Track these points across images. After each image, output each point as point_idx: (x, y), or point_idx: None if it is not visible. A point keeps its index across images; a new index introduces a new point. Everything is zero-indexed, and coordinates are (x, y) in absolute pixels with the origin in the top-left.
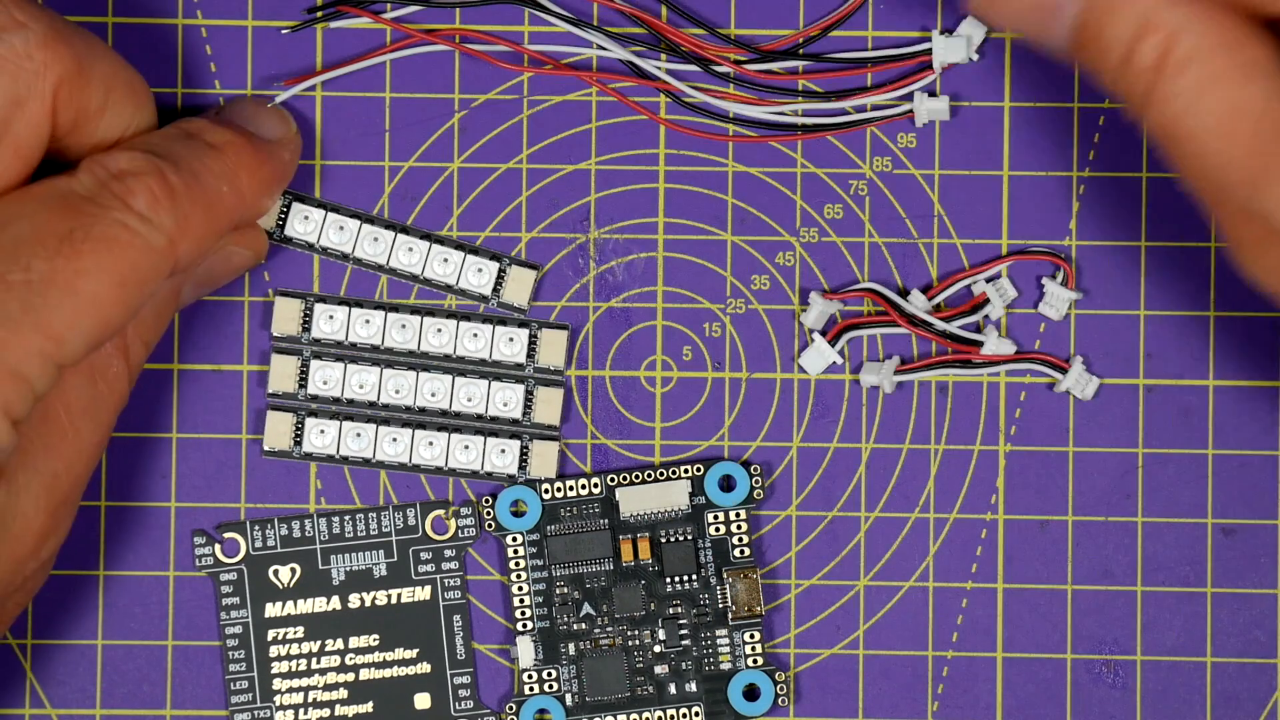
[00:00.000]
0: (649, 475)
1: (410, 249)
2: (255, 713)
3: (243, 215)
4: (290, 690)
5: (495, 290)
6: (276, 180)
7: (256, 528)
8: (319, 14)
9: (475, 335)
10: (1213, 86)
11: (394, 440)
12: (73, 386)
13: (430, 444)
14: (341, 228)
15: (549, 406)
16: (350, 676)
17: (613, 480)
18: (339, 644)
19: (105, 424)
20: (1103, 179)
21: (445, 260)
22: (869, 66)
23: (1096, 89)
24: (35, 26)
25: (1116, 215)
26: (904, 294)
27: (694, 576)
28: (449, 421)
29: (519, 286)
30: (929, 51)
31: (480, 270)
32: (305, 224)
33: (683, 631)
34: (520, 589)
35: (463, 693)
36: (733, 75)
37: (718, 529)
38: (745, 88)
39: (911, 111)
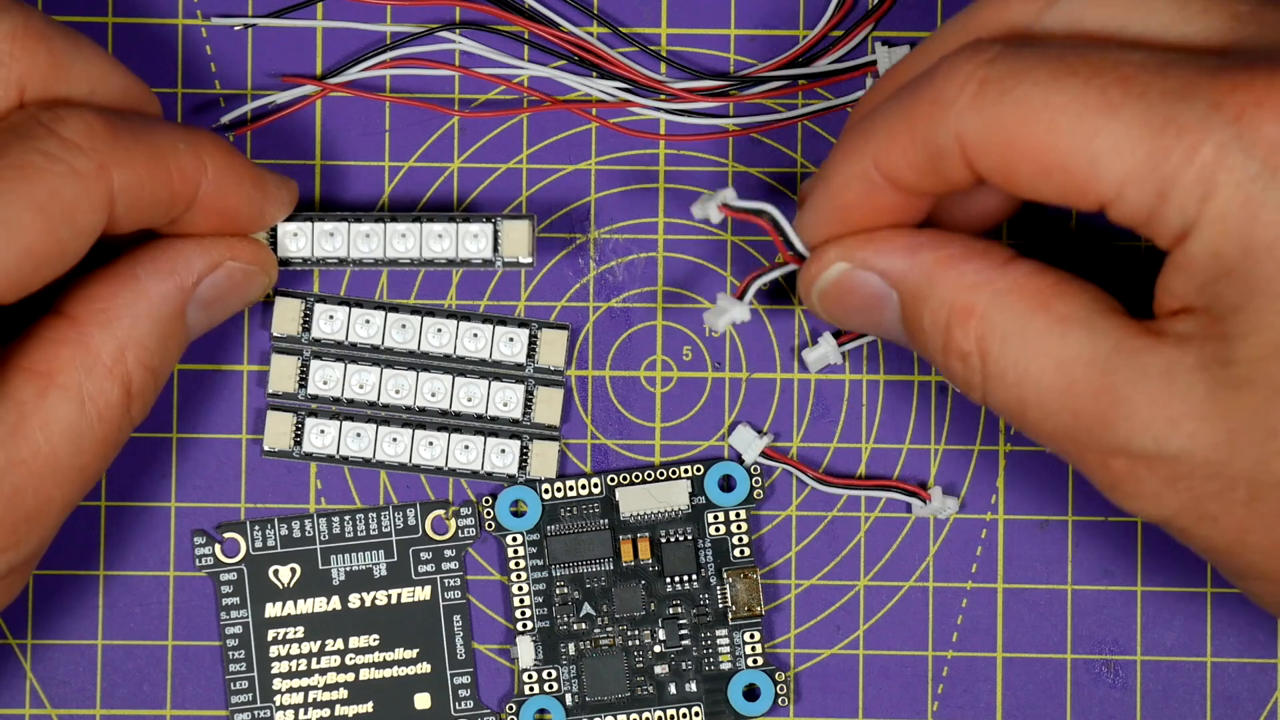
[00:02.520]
0: (649, 475)
1: (404, 235)
2: (255, 713)
3: (210, 193)
4: (290, 690)
5: (495, 250)
6: (254, 179)
7: (256, 528)
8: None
9: (475, 335)
10: (1036, 353)
11: (394, 440)
12: (54, 404)
13: (430, 444)
14: (332, 234)
15: (549, 406)
16: (350, 676)
17: (613, 480)
18: (339, 644)
19: (92, 452)
20: None
21: (440, 236)
22: (809, 83)
23: None
24: (3, 19)
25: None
26: None
27: (694, 576)
28: (449, 421)
29: (517, 240)
30: (874, 62)
31: (476, 236)
32: (295, 241)
33: (683, 631)
34: (520, 589)
35: (463, 693)
36: (663, 97)
37: (718, 529)
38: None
39: None
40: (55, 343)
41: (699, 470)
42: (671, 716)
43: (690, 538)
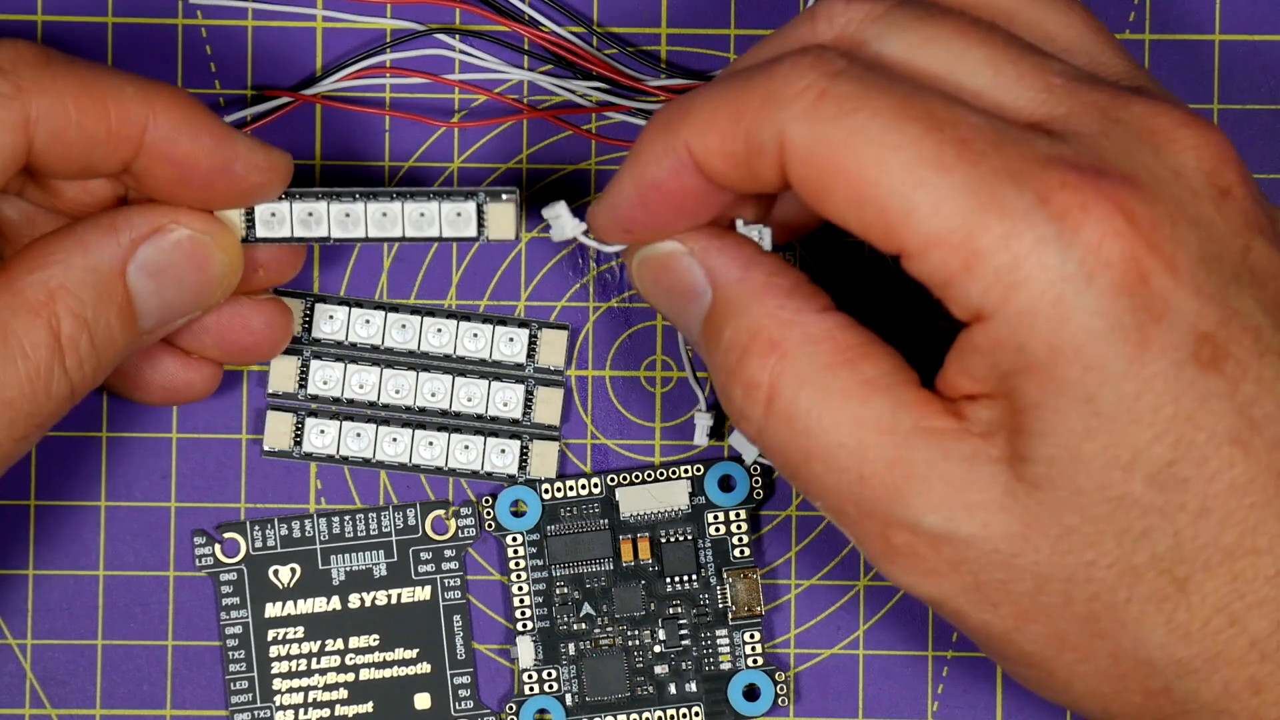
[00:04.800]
0: (649, 475)
1: (384, 214)
2: (255, 713)
3: (160, 139)
4: (290, 690)
5: (480, 228)
6: (217, 134)
7: (256, 528)
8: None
9: (475, 335)
10: (833, 406)
11: (394, 440)
12: None
13: (430, 444)
14: (310, 213)
15: (549, 407)
16: (350, 676)
17: (613, 480)
18: (339, 644)
19: (15, 388)
20: None
21: (422, 214)
22: None
23: None
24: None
25: None
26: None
27: (694, 576)
28: (449, 421)
29: (501, 220)
30: None
31: (459, 214)
32: (273, 225)
33: (683, 631)
34: (520, 589)
35: (463, 693)
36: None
37: (718, 529)
38: None
39: None
40: None
41: (699, 470)
42: (671, 716)
43: (690, 538)
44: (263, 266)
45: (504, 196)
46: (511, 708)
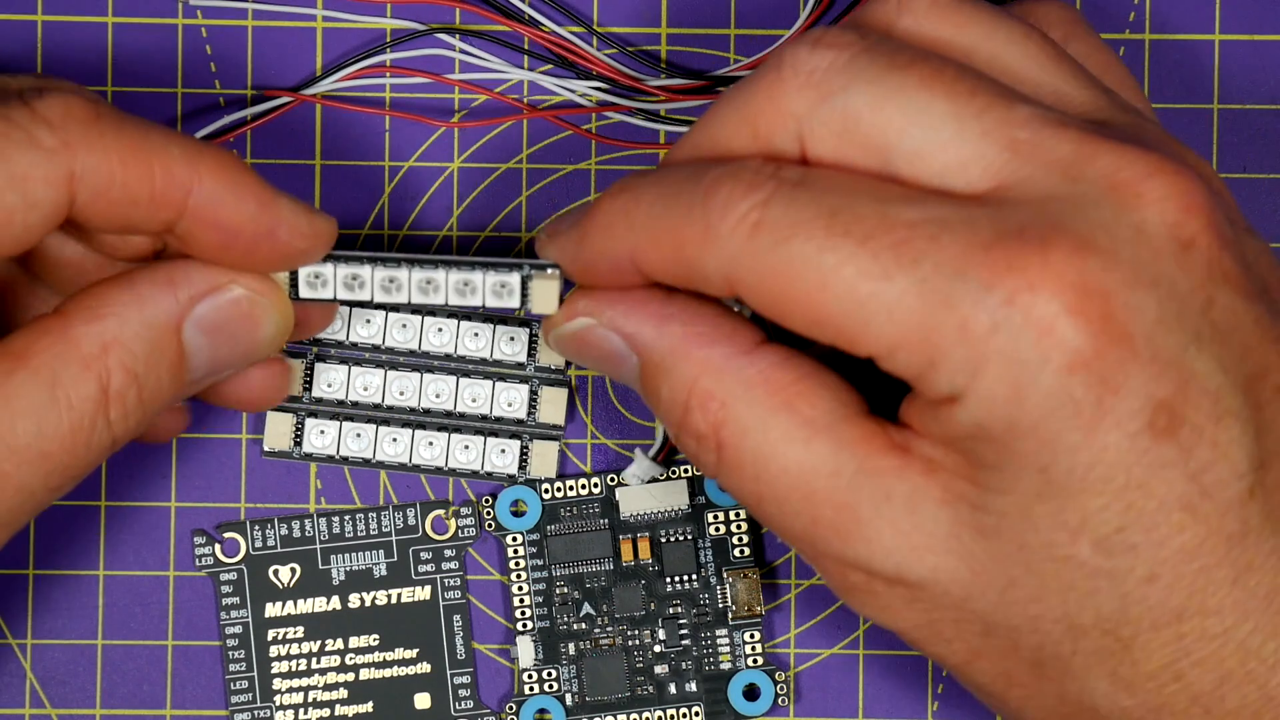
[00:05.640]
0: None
1: (429, 281)
2: (255, 713)
3: (204, 203)
4: (290, 690)
5: (524, 300)
6: (261, 199)
7: (256, 528)
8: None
9: (476, 335)
10: (778, 451)
11: (394, 440)
12: (19, 382)
13: (430, 444)
14: (355, 276)
15: (554, 406)
16: (350, 676)
17: (613, 480)
18: (339, 644)
19: (56, 440)
20: None
21: (466, 284)
22: None
23: None
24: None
25: None
26: None
27: (694, 576)
28: (449, 421)
29: (545, 295)
30: None
31: (504, 285)
32: (316, 286)
33: (683, 631)
34: (520, 589)
35: (463, 693)
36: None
37: (718, 529)
38: None
39: None
40: (37, 330)
41: (699, 470)
42: (671, 716)
43: (690, 538)
44: (299, 324)
45: (549, 271)
46: (511, 708)
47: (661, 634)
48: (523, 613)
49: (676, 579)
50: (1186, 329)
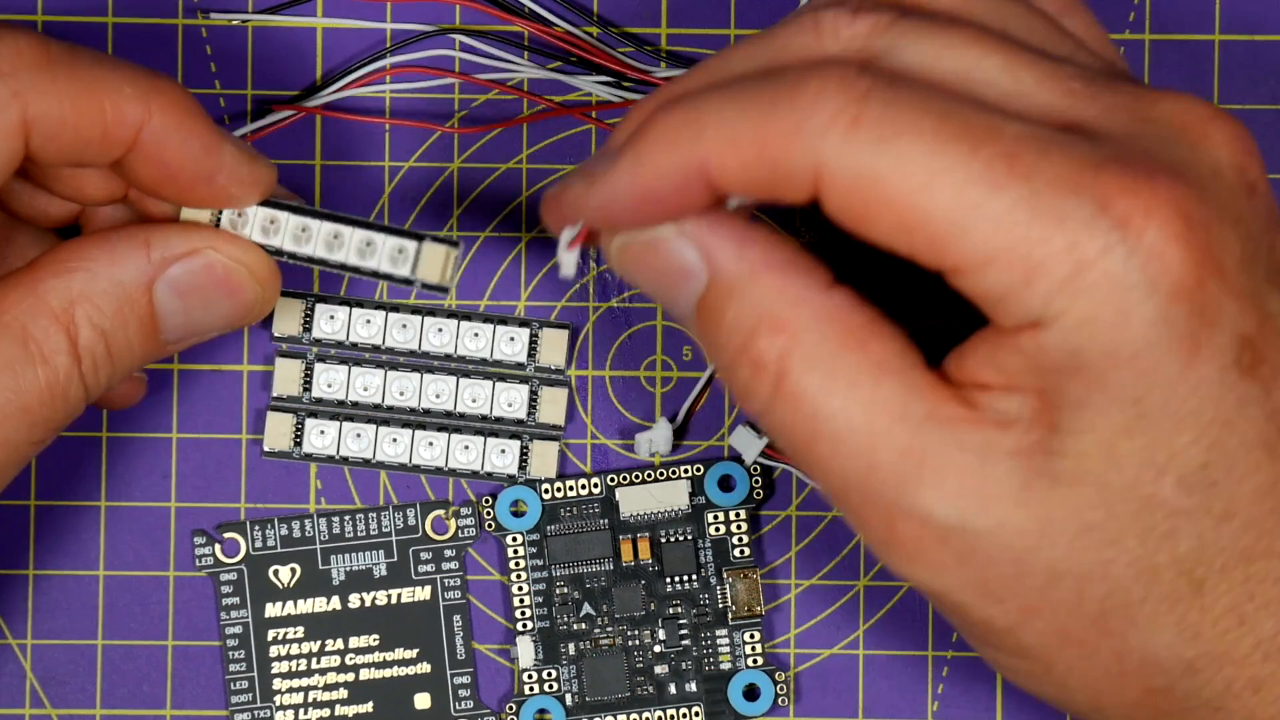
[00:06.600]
0: (649, 475)
1: (336, 235)
2: (255, 713)
3: (151, 140)
4: (290, 690)
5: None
6: (206, 142)
7: (256, 528)
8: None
9: (476, 335)
10: (844, 388)
11: (394, 440)
12: None
13: (430, 444)
14: (273, 221)
15: (554, 406)
16: (350, 676)
17: (613, 480)
18: (339, 644)
19: (34, 394)
20: None
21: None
22: None
23: None
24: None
25: None
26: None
27: (694, 576)
28: (449, 422)
29: (432, 261)
30: None
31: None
32: (268, 234)
33: (683, 631)
34: (520, 589)
35: (463, 693)
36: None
37: (718, 529)
38: None
39: None
40: (7, 285)
41: (699, 470)
42: (671, 716)
43: (690, 538)
44: (106, 397)
45: (446, 241)
46: (511, 708)
47: (661, 634)
48: (523, 613)
49: (676, 579)
50: (1260, 270)
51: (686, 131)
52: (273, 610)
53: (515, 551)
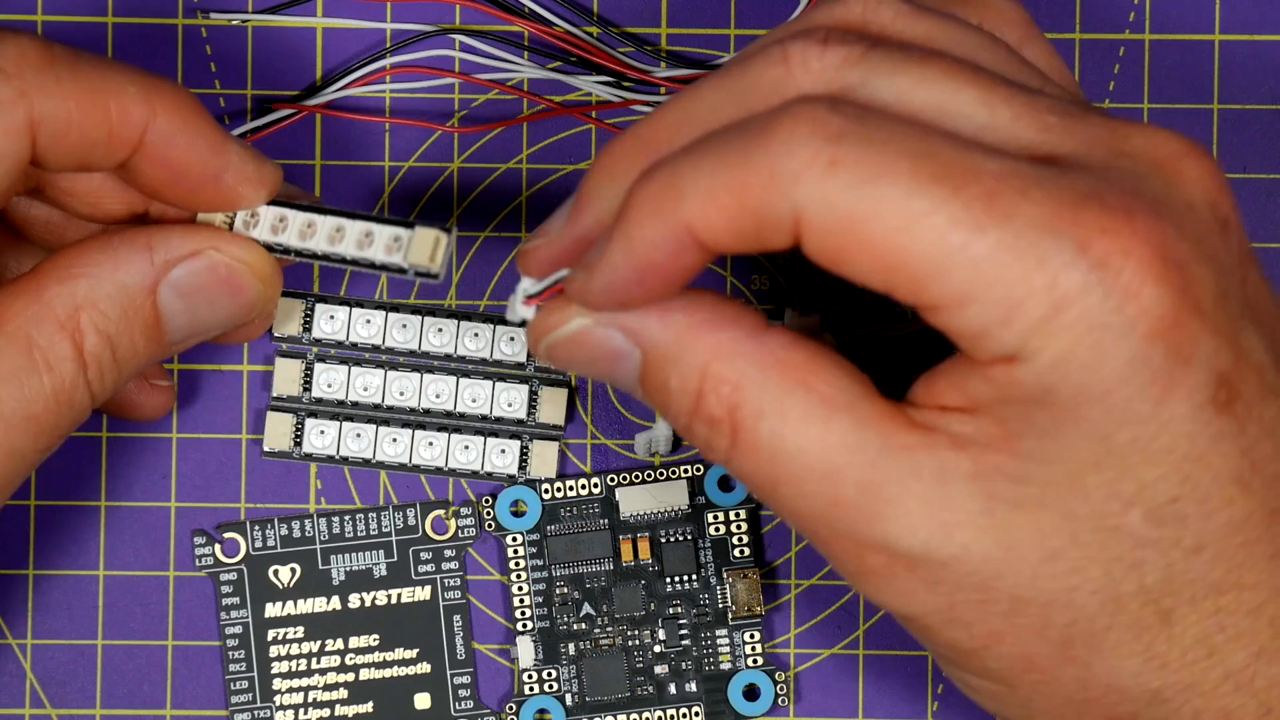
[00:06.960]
0: (649, 475)
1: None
2: (255, 713)
3: (157, 141)
4: (290, 690)
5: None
6: (212, 141)
7: (256, 528)
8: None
9: (476, 335)
10: (795, 429)
11: (394, 440)
12: None
13: (430, 444)
14: (283, 219)
15: (554, 406)
16: (350, 676)
17: (613, 480)
18: (339, 644)
19: (40, 403)
20: None
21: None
22: None
23: None
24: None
25: None
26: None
27: (694, 576)
28: (449, 422)
29: (421, 245)
30: None
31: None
32: (279, 233)
33: (683, 631)
34: (520, 589)
35: (463, 693)
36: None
37: (718, 529)
38: None
39: None
40: (11, 293)
41: (699, 470)
42: (671, 716)
43: (690, 538)
44: (128, 405)
45: (438, 226)
46: (511, 708)
47: (661, 634)
48: (523, 613)
49: (676, 579)
50: (1235, 305)
51: (668, 198)
52: (273, 610)
53: (515, 551)
